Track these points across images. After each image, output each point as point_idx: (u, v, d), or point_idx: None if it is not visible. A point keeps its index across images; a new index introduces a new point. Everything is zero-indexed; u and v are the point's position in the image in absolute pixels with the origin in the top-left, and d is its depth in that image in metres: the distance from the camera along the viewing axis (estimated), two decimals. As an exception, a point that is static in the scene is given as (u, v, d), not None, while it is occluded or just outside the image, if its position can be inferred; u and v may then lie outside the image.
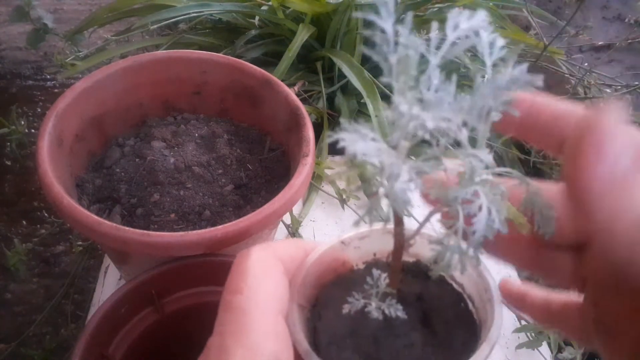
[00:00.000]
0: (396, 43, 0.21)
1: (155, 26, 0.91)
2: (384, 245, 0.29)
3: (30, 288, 1.02)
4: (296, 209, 0.76)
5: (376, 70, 0.92)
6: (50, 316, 0.87)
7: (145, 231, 0.47)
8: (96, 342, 0.46)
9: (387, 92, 0.84)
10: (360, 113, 0.89)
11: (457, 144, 0.21)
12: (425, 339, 0.26)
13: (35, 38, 1.00)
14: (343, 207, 0.76)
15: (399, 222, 0.25)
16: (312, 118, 0.81)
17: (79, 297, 0.92)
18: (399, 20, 0.21)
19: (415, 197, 0.21)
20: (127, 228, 0.47)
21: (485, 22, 0.21)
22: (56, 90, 1.39)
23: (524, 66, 0.20)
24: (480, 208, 0.21)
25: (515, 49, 0.22)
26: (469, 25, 0.21)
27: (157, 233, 0.47)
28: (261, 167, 0.63)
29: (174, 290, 0.52)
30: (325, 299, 0.29)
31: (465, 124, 0.21)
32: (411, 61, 0.21)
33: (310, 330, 0.27)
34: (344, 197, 0.75)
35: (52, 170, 0.51)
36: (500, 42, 0.22)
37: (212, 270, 0.51)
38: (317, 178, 0.79)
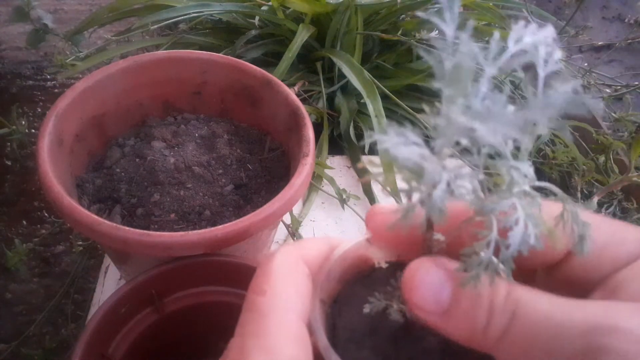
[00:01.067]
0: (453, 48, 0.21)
1: (155, 26, 0.91)
2: (410, 247, 0.29)
3: (31, 288, 1.02)
4: (296, 209, 0.76)
5: (376, 71, 0.92)
6: (51, 316, 0.87)
7: (145, 231, 0.47)
8: (96, 342, 0.46)
9: (387, 92, 0.84)
10: (360, 113, 0.89)
11: (497, 154, 0.21)
12: (445, 346, 0.26)
13: (35, 38, 1.00)
14: (343, 207, 0.76)
15: (430, 227, 0.24)
16: (312, 118, 0.81)
17: (79, 297, 0.92)
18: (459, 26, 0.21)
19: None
20: (127, 228, 0.47)
21: (550, 38, 0.21)
22: (56, 91, 1.39)
23: (577, 84, 0.20)
24: (517, 222, 0.21)
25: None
26: (533, 40, 0.21)
27: (157, 233, 0.47)
28: (261, 167, 0.63)
29: (174, 290, 0.52)
30: (346, 296, 0.29)
31: (509, 136, 0.21)
32: (467, 69, 0.20)
33: (330, 326, 0.27)
34: (344, 197, 0.75)
35: (52, 170, 0.51)
36: (558, 55, 0.21)
37: (212, 270, 0.51)
38: (317, 178, 0.79)
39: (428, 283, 0.23)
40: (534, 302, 0.21)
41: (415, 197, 0.21)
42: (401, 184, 0.22)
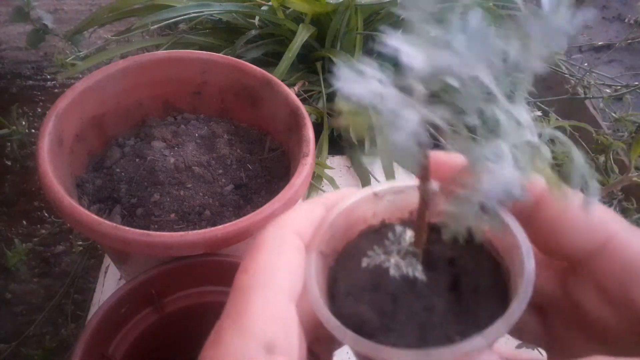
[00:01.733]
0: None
1: (155, 26, 0.91)
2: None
3: (31, 288, 1.02)
4: (296, 209, 0.76)
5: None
6: (51, 316, 0.87)
7: (145, 231, 0.47)
8: (96, 342, 0.46)
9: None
10: (360, 113, 0.89)
11: (489, 95, 0.19)
12: (448, 305, 0.25)
13: (35, 38, 1.00)
14: (343, 207, 0.76)
15: (424, 177, 0.23)
16: (312, 118, 0.81)
17: (79, 297, 0.92)
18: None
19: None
20: (127, 228, 0.47)
21: None
22: (56, 91, 1.39)
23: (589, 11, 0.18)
24: (502, 167, 0.19)
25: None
26: None
27: (157, 233, 0.47)
28: (261, 167, 0.63)
29: (174, 290, 0.52)
30: (351, 250, 0.28)
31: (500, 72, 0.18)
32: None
33: (331, 280, 0.26)
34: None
35: (52, 170, 0.51)
36: None
37: (212, 270, 0.51)
38: (317, 178, 0.79)
39: None
40: None
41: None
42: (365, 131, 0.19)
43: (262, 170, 0.62)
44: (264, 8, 0.92)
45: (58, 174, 0.52)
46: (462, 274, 0.26)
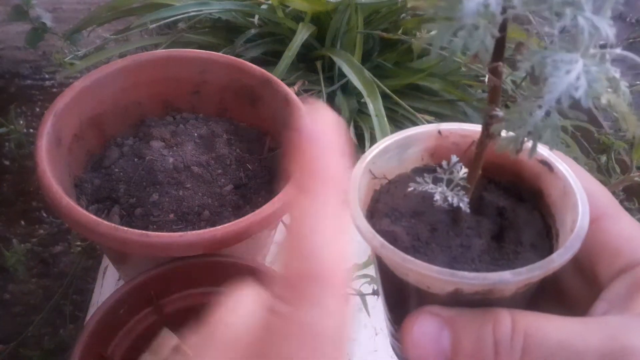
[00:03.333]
0: None
1: (154, 25, 0.90)
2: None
3: (29, 288, 1.01)
4: (296, 209, 0.76)
5: (376, 70, 0.92)
6: (49, 317, 0.87)
7: (144, 231, 0.47)
8: (95, 343, 0.46)
9: (388, 91, 0.84)
10: (360, 112, 0.88)
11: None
12: (486, 249, 0.24)
13: (33, 37, 1.00)
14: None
15: (493, 98, 0.21)
16: (312, 117, 0.81)
17: (78, 297, 0.92)
18: None
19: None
20: (125, 228, 0.46)
21: None
22: (55, 90, 1.39)
23: None
24: (569, 71, 0.18)
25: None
26: None
27: (156, 233, 0.47)
28: (261, 167, 0.62)
29: (173, 291, 0.52)
30: (400, 180, 0.27)
31: None
32: None
33: (374, 201, 0.26)
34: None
35: (50, 170, 0.50)
36: None
37: (211, 271, 0.50)
38: (317, 178, 0.78)
39: (425, 334, 0.22)
40: (544, 330, 0.20)
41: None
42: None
43: (262, 170, 0.62)
44: (263, 7, 0.92)
45: (56, 173, 0.51)
46: (509, 227, 0.26)
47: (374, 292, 0.57)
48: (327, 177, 0.20)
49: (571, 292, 0.26)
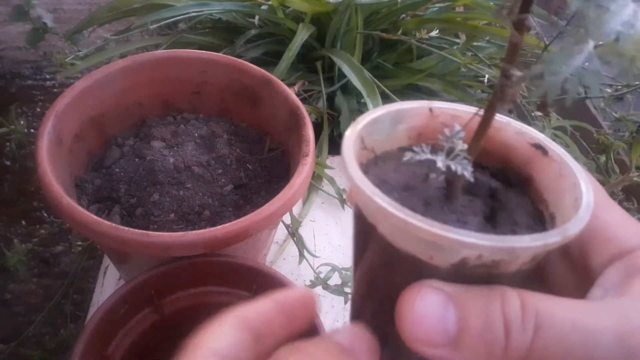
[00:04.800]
0: None
1: (154, 26, 0.90)
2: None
3: (30, 288, 1.02)
4: (296, 209, 0.76)
5: (376, 70, 0.92)
6: (50, 316, 0.87)
7: (144, 231, 0.47)
8: (96, 343, 0.46)
9: (388, 92, 0.84)
10: (360, 113, 0.88)
11: None
12: (483, 227, 0.23)
13: (34, 37, 1.00)
14: (343, 207, 0.76)
15: (512, 57, 0.20)
16: (312, 118, 0.81)
17: (79, 297, 0.92)
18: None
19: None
20: (126, 228, 0.47)
21: None
22: (55, 90, 1.39)
23: None
24: (626, 6, 0.17)
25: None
26: None
27: (157, 233, 0.47)
28: (261, 167, 0.62)
29: (174, 291, 0.52)
30: (387, 155, 0.26)
31: None
32: None
33: (363, 172, 0.24)
34: (344, 197, 0.75)
35: (51, 170, 0.50)
36: None
37: (212, 271, 0.51)
38: (317, 178, 0.78)
39: (428, 311, 0.20)
40: (555, 311, 0.19)
41: None
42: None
43: (262, 170, 0.62)
44: (263, 7, 0.92)
45: (57, 173, 0.51)
46: (501, 208, 0.25)
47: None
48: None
49: (557, 282, 0.25)
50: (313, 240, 0.73)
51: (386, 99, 0.83)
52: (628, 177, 0.63)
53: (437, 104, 0.27)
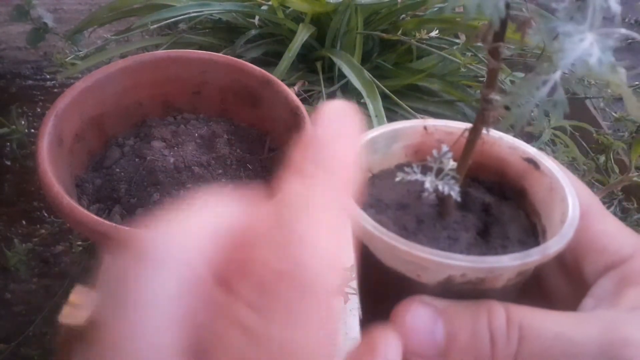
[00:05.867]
0: None
1: (155, 26, 0.91)
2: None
3: (30, 288, 1.02)
4: (296, 208, 0.76)
5: (376, 71, 0.92)
6: (50, 316, 0.87)
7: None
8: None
9: (387, 92, 0.84)
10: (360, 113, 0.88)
11: None
12: (474, 242, 0.24)
13: (35, 37, 1.00)
14: (343, 207, 0.76)
15: (490, 83, 0.21)
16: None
17: (79, 297, 0.92)
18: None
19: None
20: (126, 228, 0.47)
21: None
22: (56, 90, 1.39)
23: None
24: (582, 40, 0.18)
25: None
26: None
27: (157, 233, 0.47)
28: (261, 167, 0.62)
29: None
30: (384, 174, 0.27)
31: None
32: None
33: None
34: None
35: (51, 170, 0.50)
36: None
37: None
38: (317, 178, 0.79)
39: (419, 325, 0.21)
40: (539, 322, 0.20)
41: None
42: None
43: (262, 170, 0.62)
44: (263, 7, 0.92)
45: (57, 173, 0.52)
46: (494, 222, 0.26)
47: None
48: (333, 165, 0.16)
49: (555, 292, 0.26)
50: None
51: (386, 99, 0.83)
52: (628, 177, 0.63)
53: (431, 122, 0.28)
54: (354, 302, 0.62)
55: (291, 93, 0.61)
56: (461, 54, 0.87)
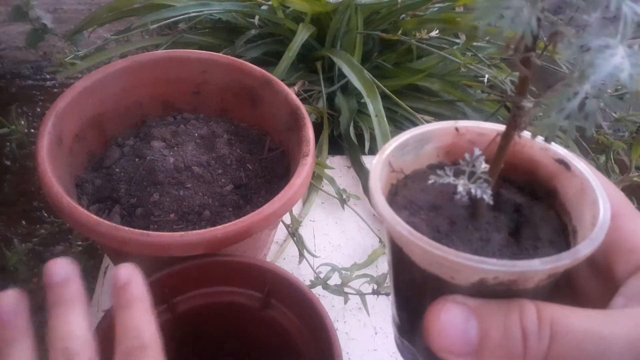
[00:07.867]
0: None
1: (154, 26, 0.91)
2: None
3: (30, 288, 1.02)
4: (296, 209, 0.76)
5: (376, 70, 0.92)
6: (50, 316, 0.87)
7: (144, 231, 0.47)
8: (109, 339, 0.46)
9: (387, 92, 0.84)
10: (360, 113, 0.88)
11: None
12: (505, 243, 0.25)
13: (34, 38, 1.00)
14: (343, 207, 0.76)
15: (522, 89, 0.21)
16: (312, 118, 0.81)
17: (79, 297, 0.92)
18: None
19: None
20: (126, 228, 0.47)
21: None
22: (56, 90, 1.39)
23: None
24: (612, 55, 0.18)
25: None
26: None
27: (157, 233, 0.47)
28: (261, 167, 0.62)
29: (187, 290, 0.52)
30: (417, 175, 0.28)
31: None
32: None
33: (391, 194, 0.26)
34: (344, 197, 0.75)
35: (51, 170, 0.50)
36: None
37: (224, 270, 0.51)
38: (317, 178, 0.79)
39: (452, 324, 0.22)
40: (570, 319, 0.21)
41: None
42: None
43: (262, 170, 0.62)
44: (263, 7, 0.92)
45: (57, 173, 0.52)
46: (525, 223, 0.26)
47: (374, 292, 0.57)
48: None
49: (586, 291, 0.26)
50: (313, 240, 0.73)
51: (386, 99, 0.83)
52: (628, 177, 0.63)
53: (462, 123, 0.28)
54: (354, 302, 0.62)
55: (291, 93, 0.61)
56: (461, 54, 0.87)
